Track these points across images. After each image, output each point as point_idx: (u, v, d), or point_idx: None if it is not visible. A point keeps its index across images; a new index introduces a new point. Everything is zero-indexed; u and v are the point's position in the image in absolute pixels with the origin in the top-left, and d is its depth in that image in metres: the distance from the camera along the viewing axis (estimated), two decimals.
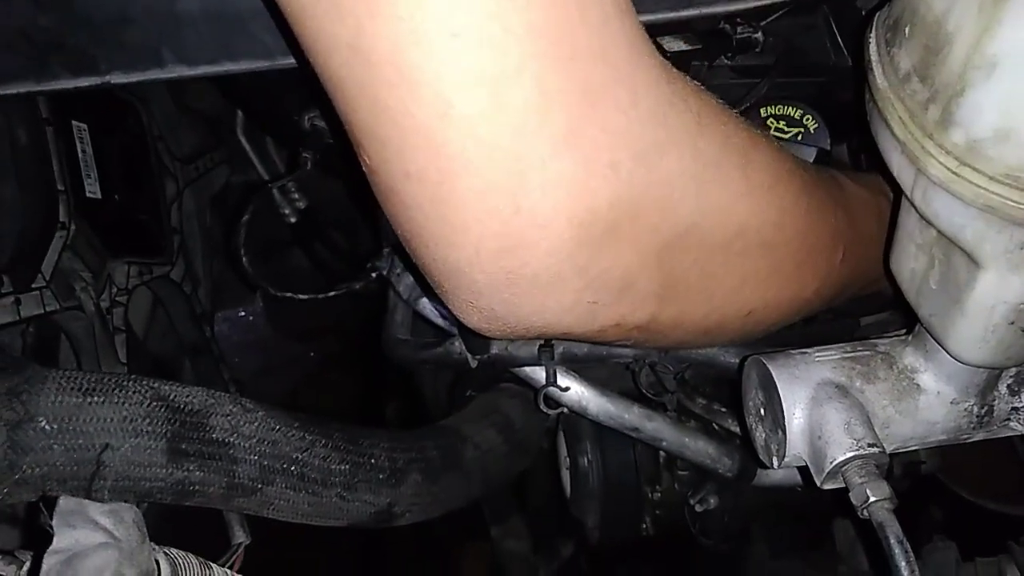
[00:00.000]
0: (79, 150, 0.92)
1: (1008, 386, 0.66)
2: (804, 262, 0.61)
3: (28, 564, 0.45)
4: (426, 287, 0.88)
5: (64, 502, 0.42)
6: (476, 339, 0.85)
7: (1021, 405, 0.66)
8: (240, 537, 0.72)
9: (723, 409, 0.91)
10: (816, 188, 0.61)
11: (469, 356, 0.85)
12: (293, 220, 1.18)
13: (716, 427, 0.93)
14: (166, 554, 0.43)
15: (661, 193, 0.48)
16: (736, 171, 0.53)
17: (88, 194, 0.93)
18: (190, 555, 0.44)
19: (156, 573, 0.42)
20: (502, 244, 0.45)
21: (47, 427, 0.57)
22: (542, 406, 0.84)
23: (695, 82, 0.52)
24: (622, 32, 0.45)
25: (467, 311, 0.52)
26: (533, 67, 0.41)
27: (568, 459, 1.01)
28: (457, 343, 0.87)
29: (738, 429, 0.91)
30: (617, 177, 0.45)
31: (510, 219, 0.44)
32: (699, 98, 0.51)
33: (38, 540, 0.42)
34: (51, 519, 0.42)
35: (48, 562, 0.40)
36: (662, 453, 0.99)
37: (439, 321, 0.89)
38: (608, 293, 0.50)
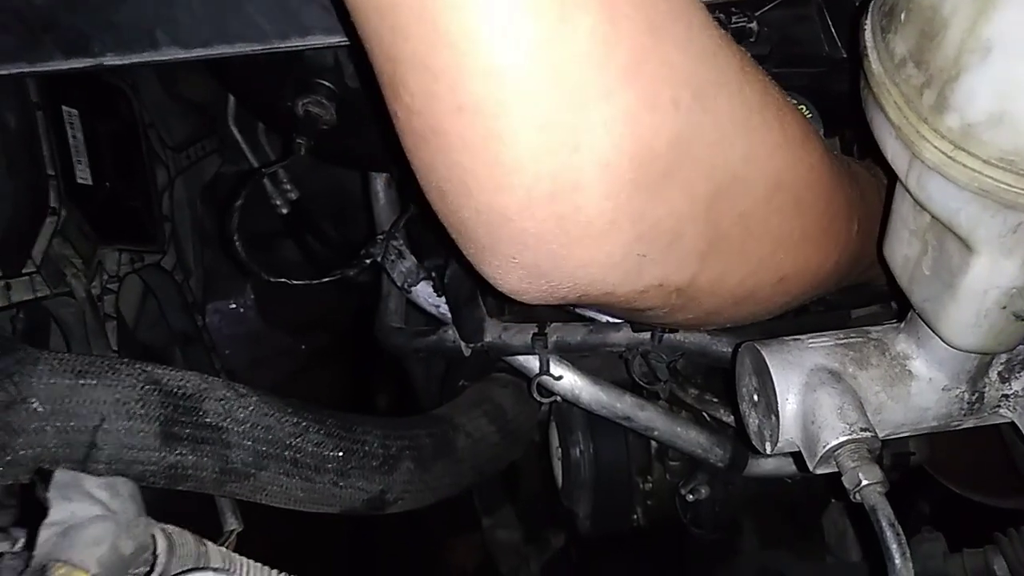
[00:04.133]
0: (70, 135, 0.91)
1: (999, 373, 0.67)
2: (828, 228, 0.62)
3: (23, 539, 0.45)
4: (432, 269, 0.87)
5: (60, 475, 0.42)
6: (470, 327, 0.85)
7: (1011, 392, 0.67)
8: (232, 524, 0.72)
9: (715, 399, 0.92)
10: (833, 156, 0.63)
11: (463, 344, 0.85)
12: (285, 211, 1.17)
13: (708, 417, 0.93)
14: (162, 529, 0.43)
15: (714, 136, 0.48)
16: (775, 121, 0.53)
17: (79, 180, 0.92)
18: (186, 531, 0.44)
19: (152, 546, 0.42)
20: (557, 185, 0.43)
21: (39, 408, 0.57)
22: (535, 395, 0.85)
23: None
24: None
25: (506, 269, 0.49)
26: None
27: (560, 449, 1.01)
28: (451, 331, 0.87)
29: (730, 419, 0.91)
30: (677, 113, 0.44)
31: (569, 157, 0.42)
32: (739, 47, 0.51)
33: (34, 514, 0.42)
34: (47, 492, 0.42)
35: (44, 534, 0.40)
36: (654, 443, 0.99)
37: (432, 309, 0.89)
38: (657, 245, 0.49)
